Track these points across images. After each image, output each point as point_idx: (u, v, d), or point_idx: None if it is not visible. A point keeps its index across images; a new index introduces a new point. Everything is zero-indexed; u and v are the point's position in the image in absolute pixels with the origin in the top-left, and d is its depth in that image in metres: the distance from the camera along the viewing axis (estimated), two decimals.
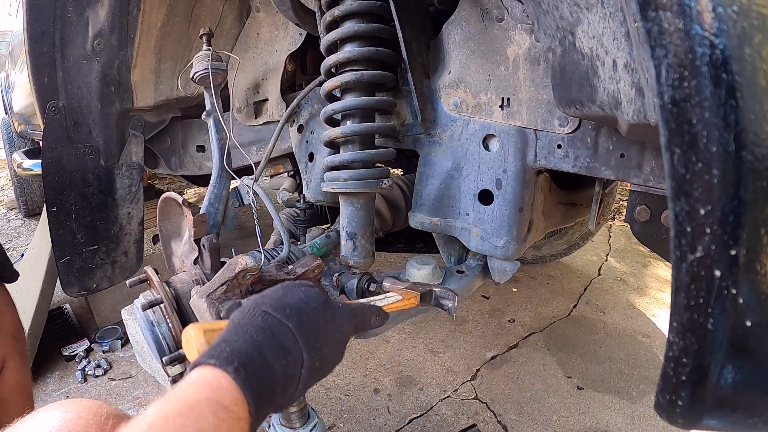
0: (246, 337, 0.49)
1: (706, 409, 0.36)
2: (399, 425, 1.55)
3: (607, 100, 0.54)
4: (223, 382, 0.44)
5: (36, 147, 2.98)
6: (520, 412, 1.62)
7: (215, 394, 0.43)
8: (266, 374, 0.48)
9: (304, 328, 0.53)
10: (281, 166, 1.42)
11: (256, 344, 0.49)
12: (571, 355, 1.93)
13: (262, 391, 0.46)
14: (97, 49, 1.18)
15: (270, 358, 0.49)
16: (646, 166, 0.78)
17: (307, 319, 0.54)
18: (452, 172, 0.97)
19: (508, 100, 0.88)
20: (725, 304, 0.33)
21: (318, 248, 1.05)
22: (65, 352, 1.87)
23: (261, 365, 0.47)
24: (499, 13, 0.84)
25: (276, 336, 0.51)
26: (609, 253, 2.92)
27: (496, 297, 2.36)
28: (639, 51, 0.39)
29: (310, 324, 0.54)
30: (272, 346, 0.50)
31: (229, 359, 0.46)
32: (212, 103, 1.06)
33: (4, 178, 4.90)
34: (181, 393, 0.43)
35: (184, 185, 3.97)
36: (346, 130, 0.90)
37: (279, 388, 0.49)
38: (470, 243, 0.96)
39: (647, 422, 1.58)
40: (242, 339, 0.49)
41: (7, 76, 3.38)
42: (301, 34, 1.14)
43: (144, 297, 0.86)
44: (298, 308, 0.55)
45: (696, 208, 0.32)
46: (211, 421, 0.41)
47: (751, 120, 0.30)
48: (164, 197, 1.01)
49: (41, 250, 2.00)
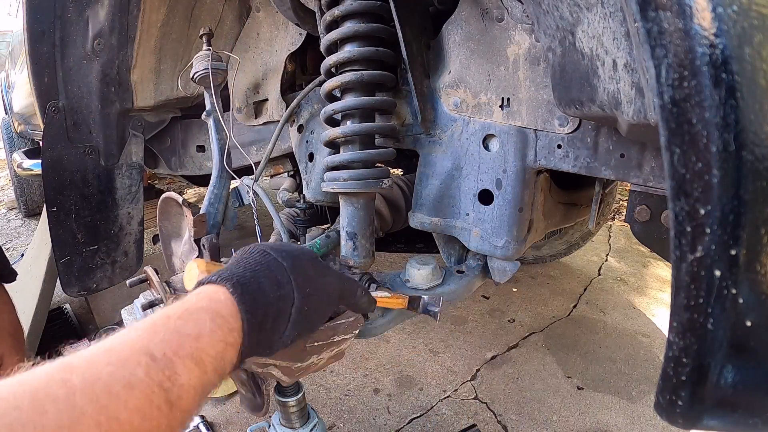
0: (246, 266, 0.55)
1: (706, 409, 0.36)
2: (399, 425, 1.55)
3: (607, 100, 0.54)
4: (222, 296, 0.49)
5: (36, 147, 2.98)
6: (520, 412, 1.62)
7: (214, 304, 0.48)
8: (260, 297, 0.52)
9: (297, 271, 0.57)
10: (281, 166, 1.42)
11: (253, 272, 0.54)
12: (571, 355, 1.93)
13: (255, 310, 0.50)
14: (97, 49, 1.18)
15: (265, 286, 0.53)
16: (646, 166, 0.78)
17: (300, 264, 0.58)
18: (452, 172, 0.97)
19: (508, 100, 0.88)
20: (725, 304, 0.33)
21: (318, 248, 1.05)
22: (65, 352, 1.87)
23: (256, 290, 0.52)
24: (499, 13, 0.84)
25: (272, 270, 0.55)
26: (609, 253, 2.92)
27: (496, 297, 2.36)
28: (639, 51, 0.39)
29: (303, 269, 0.58)
30: (268, 276, 0.54)
31: (228, 277, 0.51)
32: (212, 103, 1.06)
33: (4, 178, 4.90)
34: (184, 301, 0.48)
35: (184, 185, 3.97)
36: (346, 130, 0.90)
37: (270, 316, 0.52)
38: (470, 243, 0.96)
39: (647, 422, 1.58)
40: (242, 267, 0.54)
41: (7, 76, 3.38)
42: (301, 34, 1.14)
43: (144, 297, 0.86)
44: (293, 254, 0.60)
45: (696, 208, 0.32)
46: (208, 326, 0.45)
47: (751, 120, 0.30)
48: (164, 197, 1.01)
49: (41, 250, 2.00)
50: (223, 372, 0.46)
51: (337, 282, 0.64)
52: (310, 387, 1.70)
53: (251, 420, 1.49)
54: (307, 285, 0.57)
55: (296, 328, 0.56)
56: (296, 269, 0.57)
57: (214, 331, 0.45)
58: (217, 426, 1.55)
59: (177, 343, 0.42)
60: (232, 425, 1.55)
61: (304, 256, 0.61)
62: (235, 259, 0.58)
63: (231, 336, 0.47)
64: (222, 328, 0.46)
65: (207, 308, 0.47)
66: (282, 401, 1.08)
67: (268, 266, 0.56)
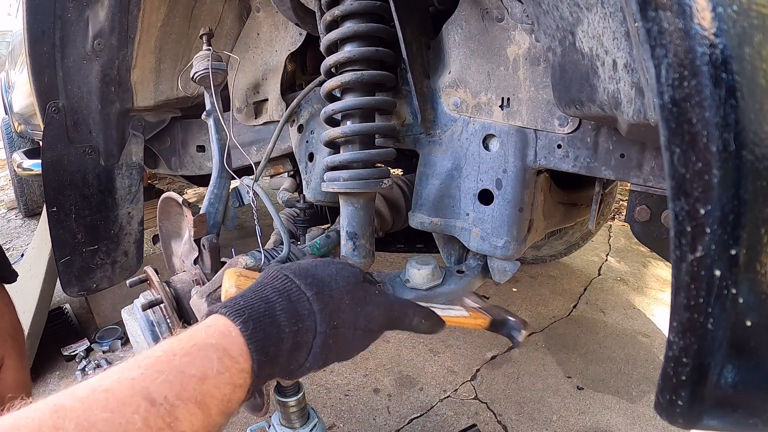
0: (262, 296, 0.51)
1: (706, 409, 0.36)
2: (399, 425, 1.55)
3: (607, 100, 0.54)
4: (232, 332, 0.46)
5: (36, 147, 2.98)
6: (520, 412, 1.62)
7: (224, 341, 0.45)
8: (274, 334, 0.48)
9: (323, 301, 0.53)
10: (281, 166, 1.42)
11: (269, 304, 0.50)
12: (571, 355, 1.93)
13: (267, 349, 0.47)
14: (97, 49, 1.18)
15: (281, 320, 0.49)
16: (646, 166, 0.78)
17: (329, 293, 0.54)
18: (452, 172, 0.97)
19: (508, 100, 0.88)
20: (725, 304, 0.33)
21: (318, 248, 1.05)
22: (65, 352, 1.87)
23: (270, 324, 0.48)
24: (499, 13, 0.84)
25: (292, 300, 0.51)
26: (609, 253, 2.92)
27: (496, 297, 2.36)
28: (639, 51, 0.39)
29: (332, 300, 0.54)
30: (285, 308, 0.50)
31: (240, 312, 0.47)
32: (212, 103, 1.06)
33: (4, 178, 4.90)
34: (192, 334, 0.45)
35: (184, 185, 3.97)
36: (346, 130, 0.90)
37: (286, 351, 0.49)
38: (470, 243, 0.96)
39: (647, 422, 1.58)
40: (258, 297, 0.51)
41: (7, 76, 3.38)
42: (301, 34, 1.14)
43: (144, 297, 0.86)
44: (322, 281, 0.55)
45: (696, 208, 0.32)
46: (215, 366, 0.42)
47: (751, 119, 0.30)
48: (164, 197, 1.01)
49: (41, 250, 2.00)
50: (230, 413, 0.44)
51: (382, 311, 0.58)
52: (310, 387, 1.70)
53: (251, 420, 1.49)
54: (336, 317, 0.53)
55: (321, 359, 0.53)
56: (322, 299, 0.53)
57: (221, 373, 0.42)
58: None
59: (180, 385, 0.39)
60: (232, 425, 1.55)
61: (335, 283, 0.56)
62: (256, 284, 0.54)
63: (240, 378, 0.44)
64: (230, 370, 0.43)
65: (216, 346, 0.44)
66: (282, 401, 1.08)
67: (288, 296, 0.52)
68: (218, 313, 0.48)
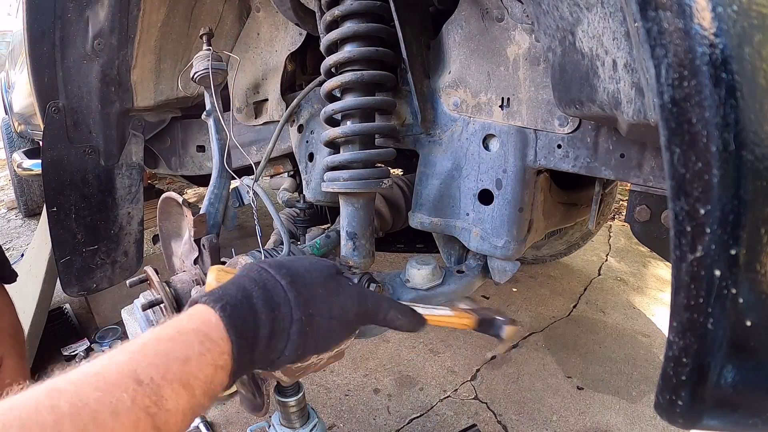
0: (239, 286, 0.54)
1: (706, 409, 0.36)
2: (399, 425, 1.55)
3: (607, 100, 0.54)
4: (212, 318, 0.49)
5: (36, 147, 2.98)
6: (520, 412, 1.62)
7: (204, 326, 0.48)
8: (251, 319, 0.51)
9: (297, 289, 0.55)
10: (281, 166, 1.42)
11: (245, 292, 0.53)
12: (571, 355, 1.93)
13: (245, 333, 0.50)
14: (97, 49, 1.18)
15: (257, 307, 0.52)
16: (646, 166, 0.78)
17: (302, 283, 0.56)
18: (452, 172, 0.97)
19: (508, 100, 0.88)
20: (725, 303, 0.33)
21: (318, 248, 1.05)
22: (65, 352, 1.87)
23: (247, 310, 0.51)
24: (499, 13, 0.84)
25: (267, 289, 0.54)
26: (609, 253, 2.92)
27: (496, 297, 2.36)
28: (639, 51, 0.39)
29: (306, 288, 0.56)
30: (261, 296, 0.53)
31: (218, 299, 0.50)
32: (212, 103, 1.06)
33: (4, 178, 4.90)
34: (175, 321, 0.48)
35: (184, 185, 3.97)
36: (346, 130, 0.90)
37: (264, 337, 0.52)
38: (470, 243, 0.96)
39: (647, 422, 1.58)
40: (235, 287, 0.54)
41: (7, 76, 3.39)
42: (301, 34, 1.14)
43: (144, 297, 0.86)
44: (296, 272, 0.57)
45: (696, 207, 0.32)
46: (197, 349, 0.45)
47: (751, 119, 0.30)
48: (164, 197, 1.01)
49: (41, 250, 2.00)
50: (214, 394, 0.46)
51: (356, 301, 0.60)
52: (310, 387, 1.70)
53: (251, 420, 1.49)
54: (311, 305, 0.55)
55: (299, 348, 0.54)
56: (296, 288, 0.55)
57: (203, 354, 0.45)
58: (217, 426, 1.55)
59: (165, 367, 0.42)
60: (232, 425, 1.55)
61: (309, 274, 0.58)
62: (234, 276, 0.57)
63: (221, 359, 0.47)
64: (212, 351, 0.46)
65: (197, 330, 0.47)
66: (282, 401, 1.08)
67: (264, 285, 0.54)
68: (199, 302, 0.51)
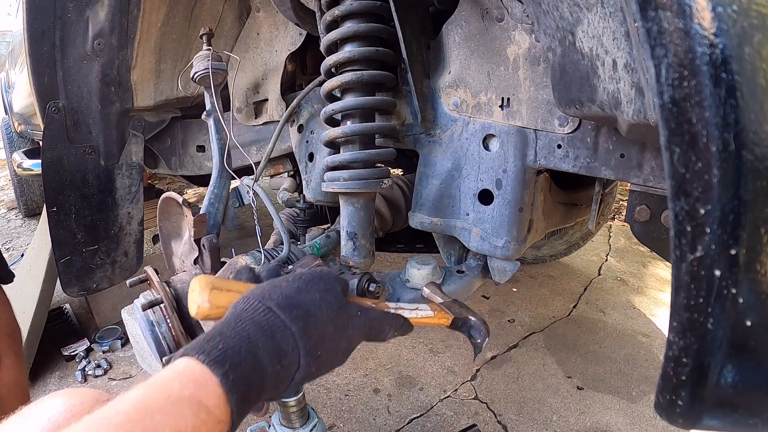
0: (243, 334, 0.47)
1: (706, 409, 0.36)
2: (399, 425, 1.55)
3: (607, 100, 0.54)
4: (210, 383, 0.43)
5: (36, 147, 2.98)
6: (520, 412, 1.62)
7: (199, 393, 0.42)
8: (256, 378, 0.46)
9: (308, 334, 0.50)
10: (281, 166, 1.42)
11: (251, 344, 0.46)
12: (571, 355, 1.93)
13: (249, 394, 0.45)
14: (97, 49, 1.18)
15: (264, 361, 0.46)
16: (646, 166, 0.78)
17: (314, 325, 0.51)
18: (452, 172, 0.97)
19: (508, 100, 0.88)
20: (725, 303, 0.33)
21: (318, 248, 1.05)
22: (65, 352, 1.87)
23: (253, 369, 0.45)
24: (499, 13, 0.84)
25: (275, 338, 0.48)
26: (609, 253, 2.92)
27: (496, 297, 2.36)
28: (639, 51, 0.39)
29: (317, 331, 0.52)
30: (268, 347, 0.47)
31: (219, 359, 0.44)
32: (212, 103, 1.06)
33: (4, 178, 4.90)
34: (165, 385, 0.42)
35: (184, 185, 3.97)
36: (346, 130, 0.90)
37: (267, 389, 0.48)
38: (470, 243, 0.96)
39: (647, 422, 1.58)
40: (238, 335, 0.47)
41: (7, 76, 3.38)
42: (301, 34, 1.14)
43: (144, 297, 0.86)
44: (307, 311, 0.52)
45: (696, 207, 0.32)
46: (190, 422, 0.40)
47: (751, 119, 0.30)
48: (164, 197, 1.01)
49: (41, 250, 2.00)
50: None
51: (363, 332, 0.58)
52: (310, 387, 1.70)
53: (251, 420, 1.49)
54: (320, 347, 0.51)
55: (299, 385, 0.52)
56: (306, 332, 0.50)
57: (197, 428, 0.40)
58: None
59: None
60: None
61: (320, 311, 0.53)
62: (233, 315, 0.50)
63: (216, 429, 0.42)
64: (206, 424, 0.41)
65: (191, 399, 0.41)
66: (282, 401, 1.08)
67: (271, 333, 0.48)
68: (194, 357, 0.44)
